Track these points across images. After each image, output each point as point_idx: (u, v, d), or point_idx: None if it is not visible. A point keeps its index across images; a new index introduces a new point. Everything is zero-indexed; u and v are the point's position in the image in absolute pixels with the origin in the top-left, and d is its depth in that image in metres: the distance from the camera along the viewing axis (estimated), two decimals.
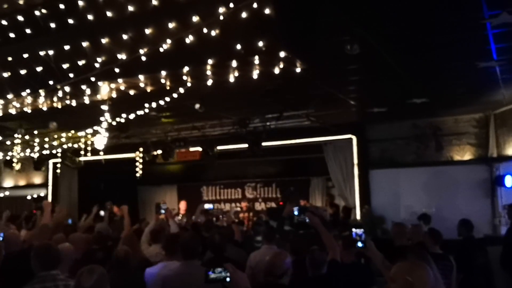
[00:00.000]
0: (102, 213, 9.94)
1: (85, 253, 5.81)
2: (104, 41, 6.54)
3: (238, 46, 5.79)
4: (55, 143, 11.31)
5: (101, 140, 9.61)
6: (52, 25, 6.81)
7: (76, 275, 3.47)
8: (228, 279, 3.19)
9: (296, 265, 5.07)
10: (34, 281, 3.84)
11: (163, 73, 6.83)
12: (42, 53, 6.92)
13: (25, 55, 7.11)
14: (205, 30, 5.64)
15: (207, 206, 11.40)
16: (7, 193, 16.03)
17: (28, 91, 7.48)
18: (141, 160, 13.05)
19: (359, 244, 4.00)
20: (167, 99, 7.93)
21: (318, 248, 4.64)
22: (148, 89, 7.60)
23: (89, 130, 10.08)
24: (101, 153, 10.36)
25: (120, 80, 7.23)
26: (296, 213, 11.08)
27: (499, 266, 7.47)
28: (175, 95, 7.69)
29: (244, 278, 3.38)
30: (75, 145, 11.53)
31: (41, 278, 3.84)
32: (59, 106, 8.52)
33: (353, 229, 4.07)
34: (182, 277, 4.52)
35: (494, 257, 7.51)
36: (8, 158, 12.72)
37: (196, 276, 4.51)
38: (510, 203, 8.54)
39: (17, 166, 13.06)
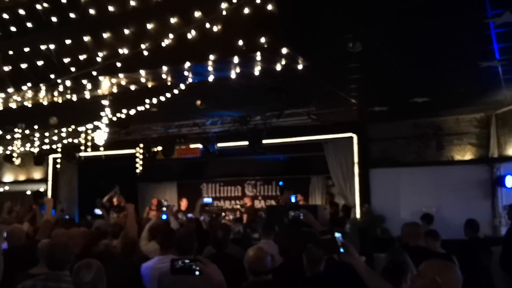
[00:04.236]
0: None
1: (84, 248, 5.79)
2: (105, 35, 6.53)
3: (240, 42, 5.77)
4: (55, 138, 11.28)
5: (101, 136, 9.60)
6: (54, 19, 6.80)
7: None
8: (197, 273, 3.15)
9: (286, 265, 5.08)
10: (40, 277, 3.78)
11: (165, 68, 6.81)
12: (43, 47, 6.90)
13: (26, 49, 7.09)
14: (207, 26, 5.62)
15: (206, 200, 11.36)
16: (7, 188, 16.02)
17: (29, 85, 7.47)
18: (141, 156, 13.03)
19: (340, 249, 3.39)
20: (168, 95, 7.91)
21: (314, 246, 4.61)
22: (149, 84, 7.59)
23: (90, 126, 10.07)
24: (101, 148, 10.34)
25: (121, 75, 7.22)
26: (293, 200, 11.02)
27: (498, 267, 7.46)
28: (176, 91, 7.68)
29: (217, 272, 3.36)
30: (75, 141, 11.49)
31: (45, 276, 3.77)
32: (60, 101, 8.51)
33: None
34: None
35: (493, 257, 7.49)
36: (8, 152, 12.70)
37: None
38: (510, 203, 8.51)
39: (17, 161, 13.04)
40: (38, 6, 6.80)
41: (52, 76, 7.07)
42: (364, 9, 5.44)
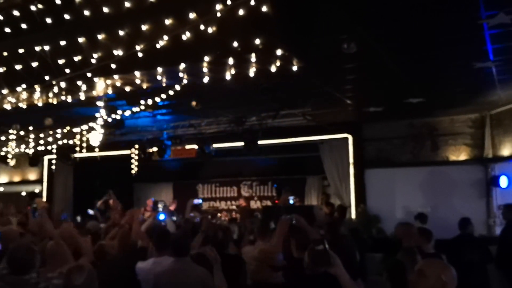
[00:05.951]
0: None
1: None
2: (100, 37, 6.50)
3: (235, 44, 5.77)
4: (50, 139, 11.25)
5: (96, 137, 9.58)
6: (49, 20, 6.76)
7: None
8: None
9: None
10: (7, 281, 3.74)
11: (159, 69, 6.80)
12: (38, 48, 6.87)
13: (21, 50, 7.05)
14: (202, 27, 5.61)
15: (196, 201, 11.34)
16: (1, 189, 15.96)
17: (23, 86, 7.44)
18: (136, 157, 13.02)
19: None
20: (163, 96, 7.90)
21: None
22: (144, 85, 7.57)
23: (85, 127, 10.04)
24: (97, 149, 10.32)
25: (116, 76, 7.21)
26: (291, 202, 11.00)
27: (494, 266, 7.49)
28: (171, 92, 7.67)
29: None
30: (70, 142, 11.46)
31: (11, 280, 3.72)
32: (55, 102, 8.49)
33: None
34: (174, 273, 4.53)
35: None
36: (3, 153, 12.65)
37: (187, 272, 4.53)
38: (505, 203, 8.55)
39: (12, 162, 12.99)
40: (33, 7, 6.76)
41: (47, 77, 7.04)
42: (359, 9, 5.45)
